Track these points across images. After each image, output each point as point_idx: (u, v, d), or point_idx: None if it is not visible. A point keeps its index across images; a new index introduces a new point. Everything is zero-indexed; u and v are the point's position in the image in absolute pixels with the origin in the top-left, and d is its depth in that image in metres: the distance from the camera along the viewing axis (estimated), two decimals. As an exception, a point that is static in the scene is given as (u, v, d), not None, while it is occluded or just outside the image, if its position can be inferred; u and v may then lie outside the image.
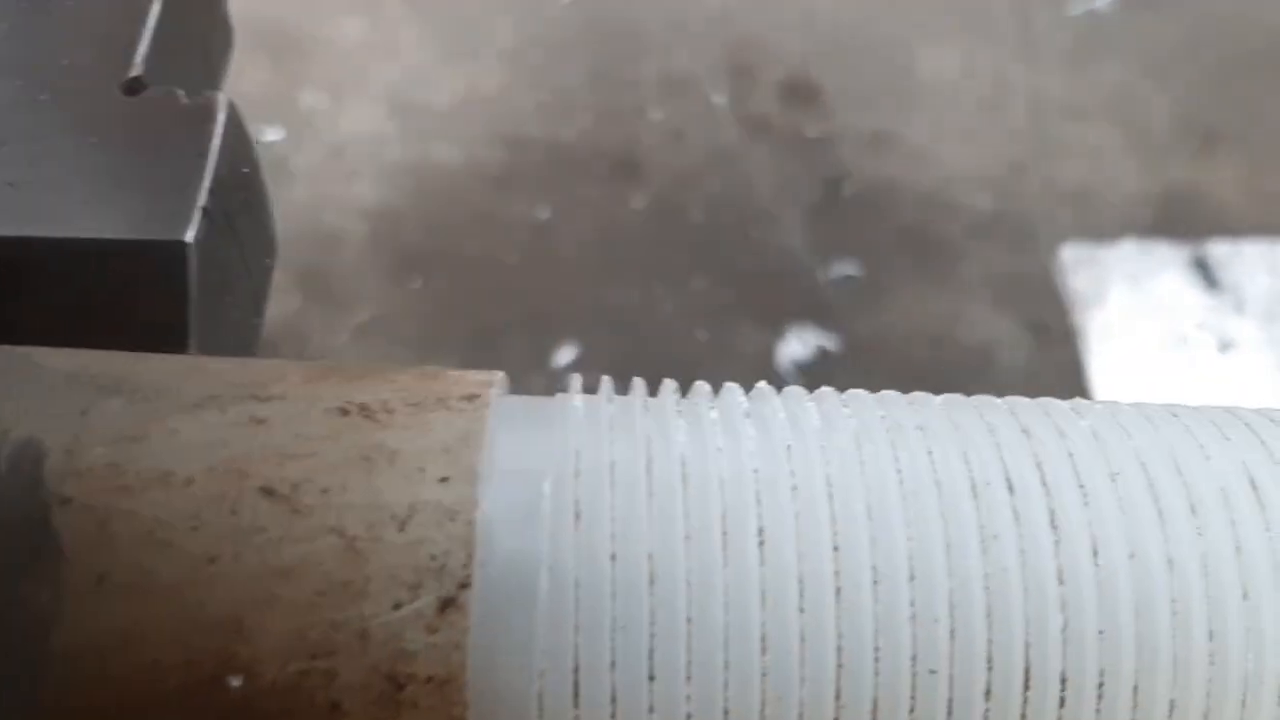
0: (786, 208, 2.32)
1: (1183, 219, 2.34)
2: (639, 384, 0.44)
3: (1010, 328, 2.15)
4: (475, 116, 2.37)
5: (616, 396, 0.44)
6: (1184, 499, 0.39)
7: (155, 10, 0.50)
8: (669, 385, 0.44)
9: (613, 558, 0.38)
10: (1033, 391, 1.38)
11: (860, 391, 0.44)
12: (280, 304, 2.13)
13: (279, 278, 2.01)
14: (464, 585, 0.37)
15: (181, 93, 0.48)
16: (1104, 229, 2.30)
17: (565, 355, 2.13)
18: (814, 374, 2.14)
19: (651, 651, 0.37)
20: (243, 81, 2.29)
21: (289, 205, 2.22)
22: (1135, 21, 2.56)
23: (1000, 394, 1.18)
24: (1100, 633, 0.38)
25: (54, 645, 0.36)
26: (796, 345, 2.16)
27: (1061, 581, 0.38)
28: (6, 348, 0.42)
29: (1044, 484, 0.39)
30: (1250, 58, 2.54)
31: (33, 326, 0.45)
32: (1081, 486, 0.39)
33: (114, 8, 0.50)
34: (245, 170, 0.48)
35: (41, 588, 0.35)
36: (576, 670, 0.38)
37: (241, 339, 0.52)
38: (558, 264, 2.23)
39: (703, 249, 2.27)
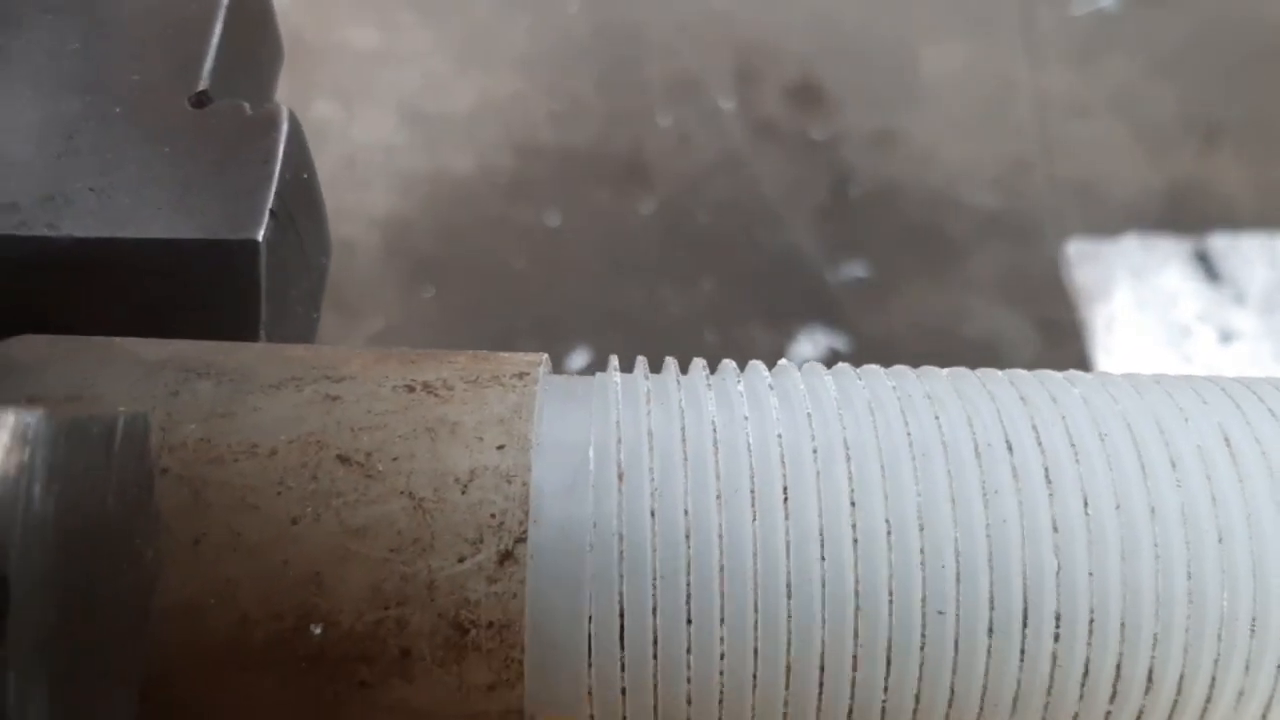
0: (794, 209, 2.36)
1: (1188, 214, 2.38)
2: (671, 363, 0.49)
3: (1017, 323, 2.19)
4: (486, 124, 2.42)
5: (652, 374, 0.48)
6: (1165, 455, 0.44)
7: (217, 30, 0.54)
8: (699, 363, 0.49)
9: (652, 515, 0.43)
10: None
11: (873, 366, 0.49)
12: (296, 312, 2.18)
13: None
14: (520, 540, 0.42)
15: (246, 104, 0.53)
16: (1109, 225, 2.35)
17: (577, 359, 2.17)
18: (824, 373, 2.18)
19: (689, 598, 0.42)
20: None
21: (303, 215, 2.27)
22: (1139, 19, 2.60)
23: None
24: (1090, 575, 0.42)
25: (155, 601, 0.41)
26: (806, 345, 2.20)
27: (1056, 530, 0.43)
28: (101, 338, 0.47)
29: (1040, 444, 0.44)
30: (1255, 54, 2.58)
31: (116, 322, 0.50)
32: (1073, 446, 0.44)
33: (178, 27, 0.55)
34: (305, 175, 0.53)
35: (147, 547, 0.40)
36: (622, 615, 0.42)
37: (302, 332, 0.57)
38: (568, 269, 2.28)
39: (711, 251, 2.31)
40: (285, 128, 0.52)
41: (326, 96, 2.42)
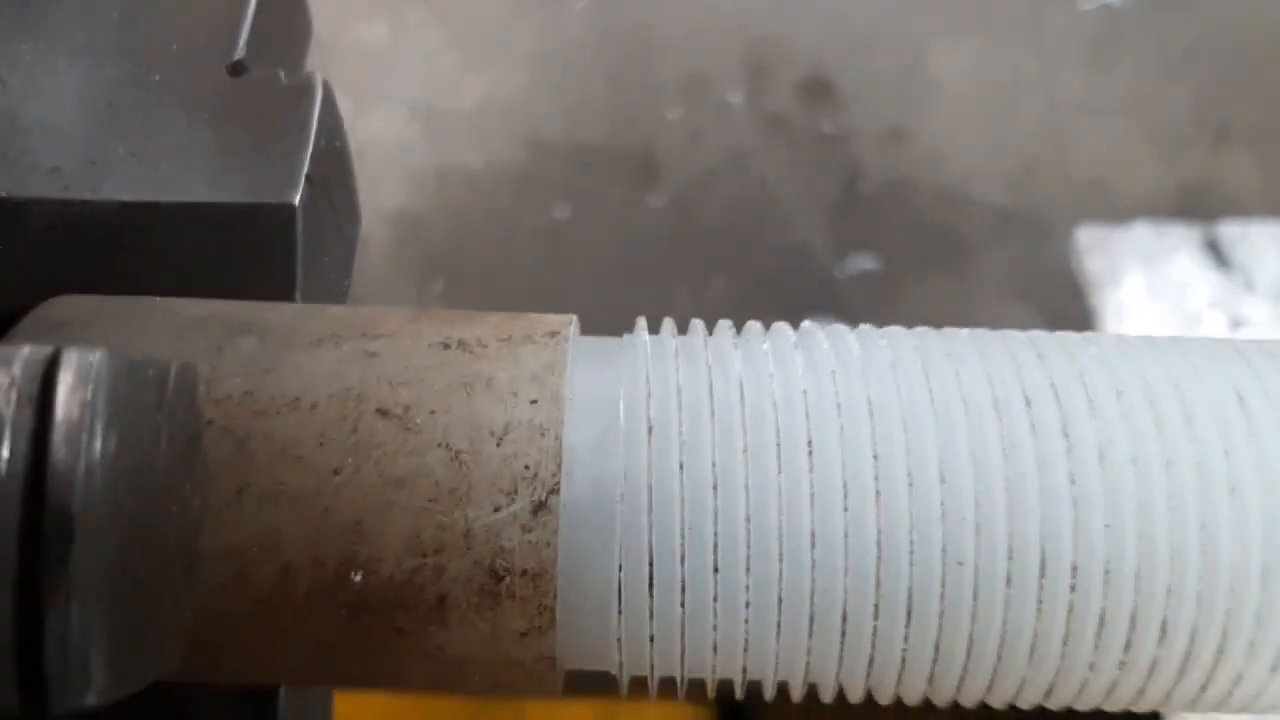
0: (803, 205, 2.38)
1: (1199, 213, 2.39)
2: (698, 324, 0.50)
3: (1027, 321, 2.21)
4: (496, 120, 2.44)
5: (680, 334, 0.50)
6: (1180, 411, 0.46)
7: (253, 2, 0.56)
8: (725, 323, 0.50)
9: (681, 467, 0.44)
10: None
11: (897, 328, 0.51)
12: (306, 307, 2.20)
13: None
14: (553, 491, 0.43)
15: (281, 73, 0.55)
16: (1120, 225, 2.36)
17: (587, 354, 2.19)
18: (834, 370, 2.20)
19: (716, 547, 0.44)
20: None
21: (312, 210, 2.29)
22: (1150, 17, 2.62)
23: None
24: (1107, 526, 0.44)
25: (201, 547, 0.43)
26: (816, 342, 2.22)
27: (1073, 482, 0.44)
28: (145, 297, 0.49)
29: (1057, 400, 0.46)
30: (1267, 52, 2.60)
31: (156, 284, 0.52)
32: (1090, 402, 0.46)
33: None
34: (338, 144, 0.55)
35: (195, 494, 0.42)
36: (651, 564, 0.44)
37: (334, 298, 0.58)
38: (578, 264, 2.29)
39: (721, 247, 2.33)
40: (319, 96, 0.54)
41: (337, 92, 2.43)
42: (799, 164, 2.42)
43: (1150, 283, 1.25)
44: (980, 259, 2.34)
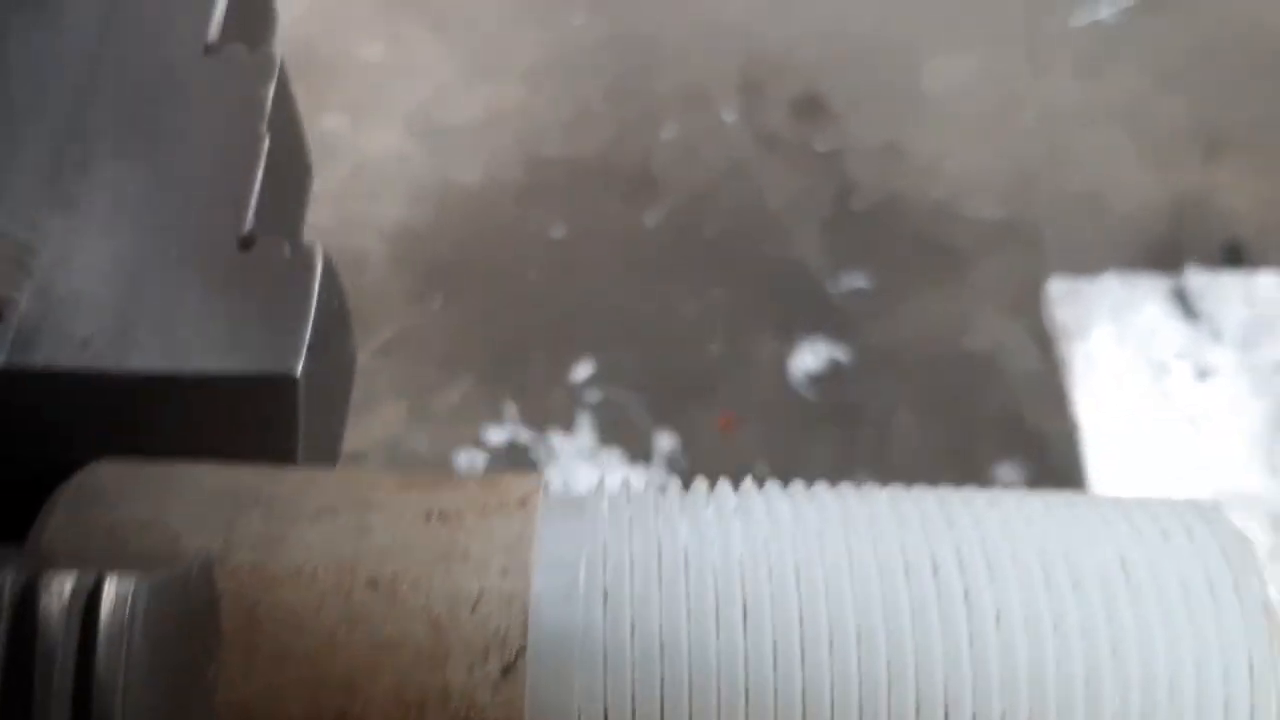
0: (799, 220, 2.45)
1: (1192, 225, 2.46)
2: (652, 486, 0.58)
3: (1018, 336, 2.27)
4: (494, 136, 2.51)
5: (635, 494, 0.58)
6: (1069, 577, 0.53)
7: (259, 174, 0.64)
8: (676, 486, 0.58)
9: (631, 630, 0.52)
10: (1041, 397, 1.58)
11: (822, 487, 0.58)
12: (307, 323, 2.27)
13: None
14: (520, 653, 0.51)
15: (286, 245, 0.62)
16: (1112, 240, 2.43)
17: (583, 369, 2.26)
18: (827, 383, 2.28)
19: (662, 701, 0.52)
20: (266, 104, 2.41)
21: (313, 227, 2.36)
22: (1143, 29, 2.68)
23: (1009, 401, 1.37)
24: (1001, 684, 0.52)
25: (217, 702, 0.51)
26: (809, 356, 2.29)
27: (972, 645, 0.52)
28: (167, 464, 0.56)
29: (960, 566, 0.53)
30: (1260, 63, 2.66)
31: (175, 441, 0.59)
32: (990, 568, 0.53)
33: (226, 170, 0.64)
34: (336, 304, 0.62)
35: (210, 664, 0.49)
36: (605, 715, 0.52)
37: (333, 432, 0.66)
38: (576, 279, 2.37)
39: (717, 262, 2.40)
40: (319, 267, 0.61)
41: (336, 109, 2.51)
42: (794, 180, 2.49)
43: (1119, 332, 1.33)
44: (974, 273, 2.41)
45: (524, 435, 2.21)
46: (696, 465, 2.20)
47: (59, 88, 0.64)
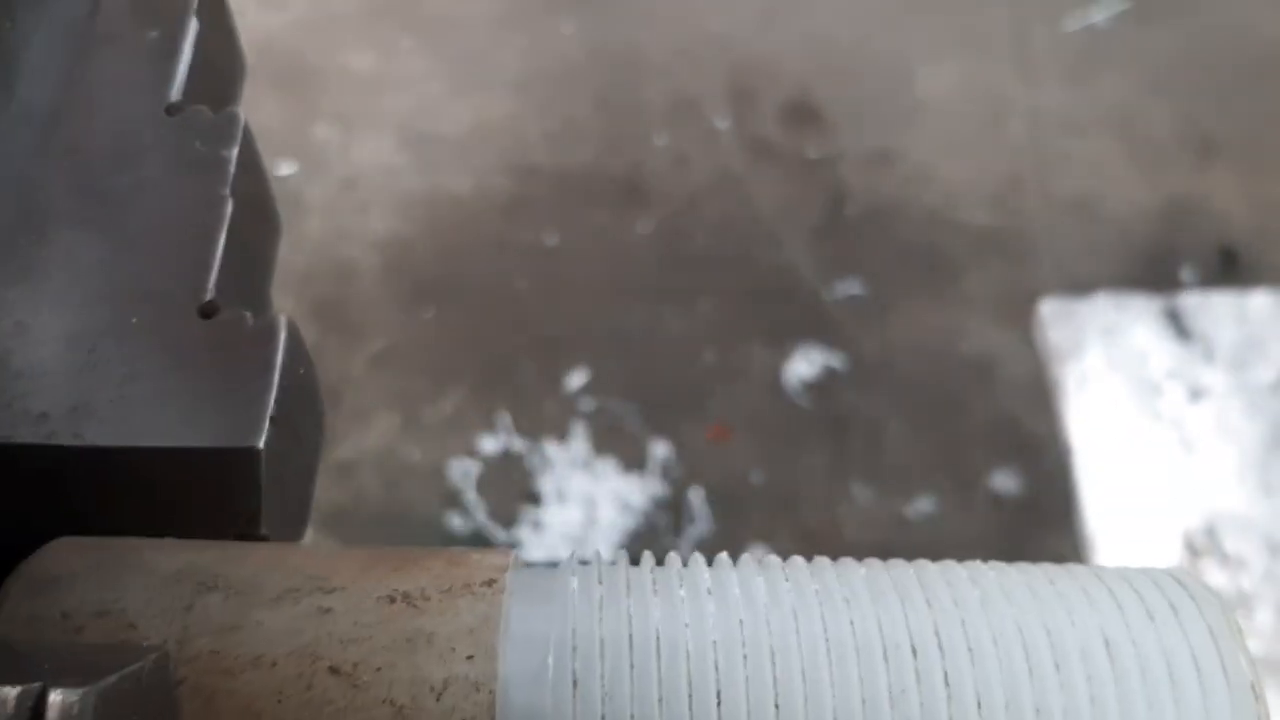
0: (790, 228, 2.43)
1: (1182, 230, 2.45)
2: (622, 560, 0.56)
3: (1012, 343, 2.26)
4: (484, 146, 2.49)
5: (607, 570, 0.56)
6: (1050, 657, 0.52)
7: (221, 240, 0.62)
8: (648, 560, 0.56)
9: (602, 718, 0.50)
10: (1035, 404, 1.57)
11: (798, 561, 0.56)
12: (298, 336, 2.26)
13: (296, 308, 2.15)
14: (488, 743, 0.49)
15: (249, 315, 0.60)
16: (1104, 246, 2.42)
17: (576, 379, 2.25)
18: (820, 391, 2.26)
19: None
20: (257, 114, 2.41)
21: (304, 238, 2.35)
22: (1132, 36, 2.66)
23: (1003, 408, 1.35)
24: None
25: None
26: (803, 364, 2.28)
27: (953, 728, 0.50)
28: (121, 544, 0.55)
29: (940, 647, 0.52)
30: (1248, 67, 2.64)
31: (134, 516, 0.58)
32: (970, 649, 0.52)
33: (187, 238, 0.62)
34: (302, 371, 0.61)
35: (168, 755, 0.48)
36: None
37: (301, 497, 0.64)
38: (567, 289, 2.35)
39: (708, 271, 2.38)
40: (283, 336, 0.59)
41: (326, 120, 2.49)
42: (785, 188, 2.47)
43: (1111, 353, 1.31)
44: (966, 280, 2.39)
45: (518, 445, 2.19)
46: (690, 474, 2.18)
47: (15, 150, 0.62)
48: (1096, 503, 1.25)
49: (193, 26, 0.67)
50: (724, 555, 0.57)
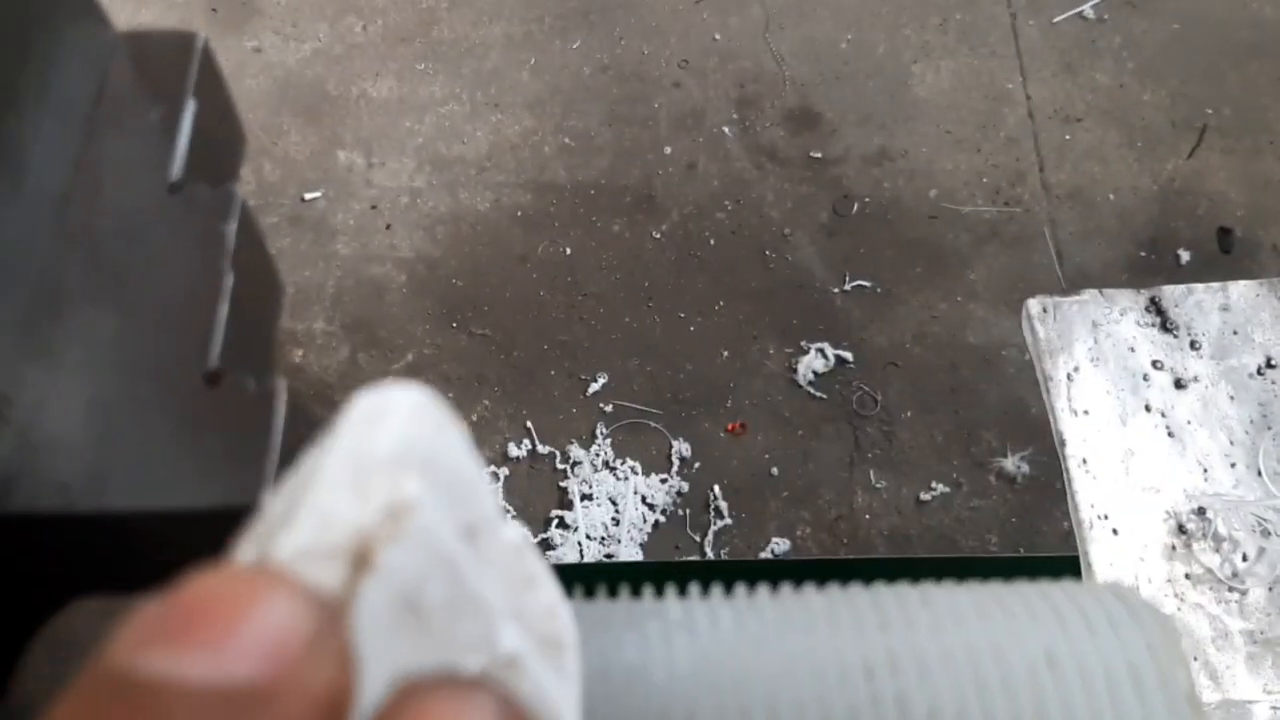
0: (798, 229, 2.45)
1: (1184, 213, 2.45)
2: (598, 599, 0.59)
3: (1016, 328, 2.26)
4: (502, 164, 2.51)
5: (580, 608, 0.58)
6: (997, 674, 0.54)
7: (224, 309, 0.65)
8: (624, 596, 0.59)
9: (582, 748, 0.53)
10: (1039, 385, 1.58)
11: (764, 591, 0.59)
12: (331, 355, 2.30)
13: (328, 328, 2.16)
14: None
15: (251, 379, 0.63)
16: (1104, 231, 2.43)
17: (599, 383, 2.27)
18: (834, 384, 2.28)
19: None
20: (283, 144, 2.45)
21: (333, 261, 2.39)
22: (1123, 23, 2.66)
23: (1011, 393, 1.36)
24: (934, 784, 0.52)
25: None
26: (816, 358, 2.29)
27: (905, 747, 0.53)
28: (123, 602, 0.58)
29: (893, 669, 0.54)
30: (1238, 48, 2.64)
31: (152, 576, 0.60)
32: (921, 669, 0.54)
33: (191, 306, 0.65)
34: (304, 429, 0.63)
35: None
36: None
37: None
38: (587, 297, 2.37)
39: (722, 273, 2.40)
40: (283, 398, 0.62)
41: (349, 146, 2.52)
42: (793, 190, 2.49)
43: (1098, 346, 1.33)
44: (971, 271, 2.40)
45: (544, 449, 2.22)
46: (711, 470, 2.21)
47: (31, 234, 0.65)
48: (1088, 498, 1.27)
49: (190, 107, 0.70)
50: (694, 587, 0.60)
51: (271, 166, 2.50)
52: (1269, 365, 1.35)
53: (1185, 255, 2.41)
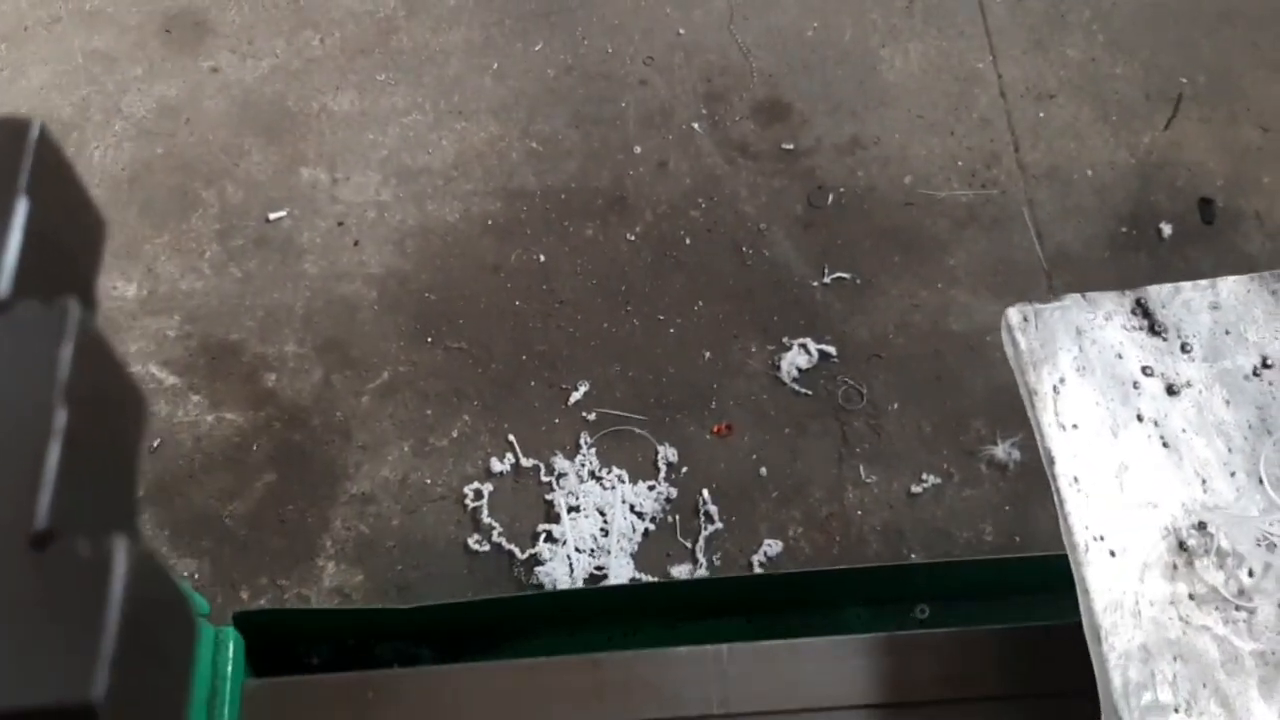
0: (774, 223, 2.34)
1: (1163, 185, 2.34)
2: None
3: (999, 313, 2.14)
4: (469, 173, 2.40)
5: None
6: None
7: (54, 454, 0.53)
8: None
9: None
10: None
11: None
12: (304, 378, 2.18)
13: (300, 351, 2.06)
14: None
15: (85, 543, 0.51)
16: (1083, 209, 2.31)
17: (580, 391, 2.16)
18: (819, 379, 2.17)
19: None
20: (246, 164, 2.33)
21: (301, 280, 2.27)
22: (1092, -4, 2.55)
23: (997, 378, 1.24)
24: None
25: None
26: (799, 354, 2.18)
27: None
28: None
29: None
30: (1210, 17, 2.54)
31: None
32: None
33: (11, 453, 0.53)
34: (153, 593, 0.52)
35: None
36: None
37: (172, 704, 0.55)
38: (563, 305, 2.26)
39: (699, 272, 2.30)
40: (123, 565, 0.50)
41: (312, 162, 2.41)
42: (766, 184, 2.38)
43: (1084, 354, 1.21)
44: (949, 256, 2.30)
45: (528, 461, 2.11)
46: (699, 474, 2.10)
47: None
48: (1083, 512, 1.15)
49: (21, 209, 0.58)
50: None
51: (234, 188, 2.38)
52: (1265, 365, 1.23)
53: (1167, 229, 2.30)
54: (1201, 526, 1.13)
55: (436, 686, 1.20)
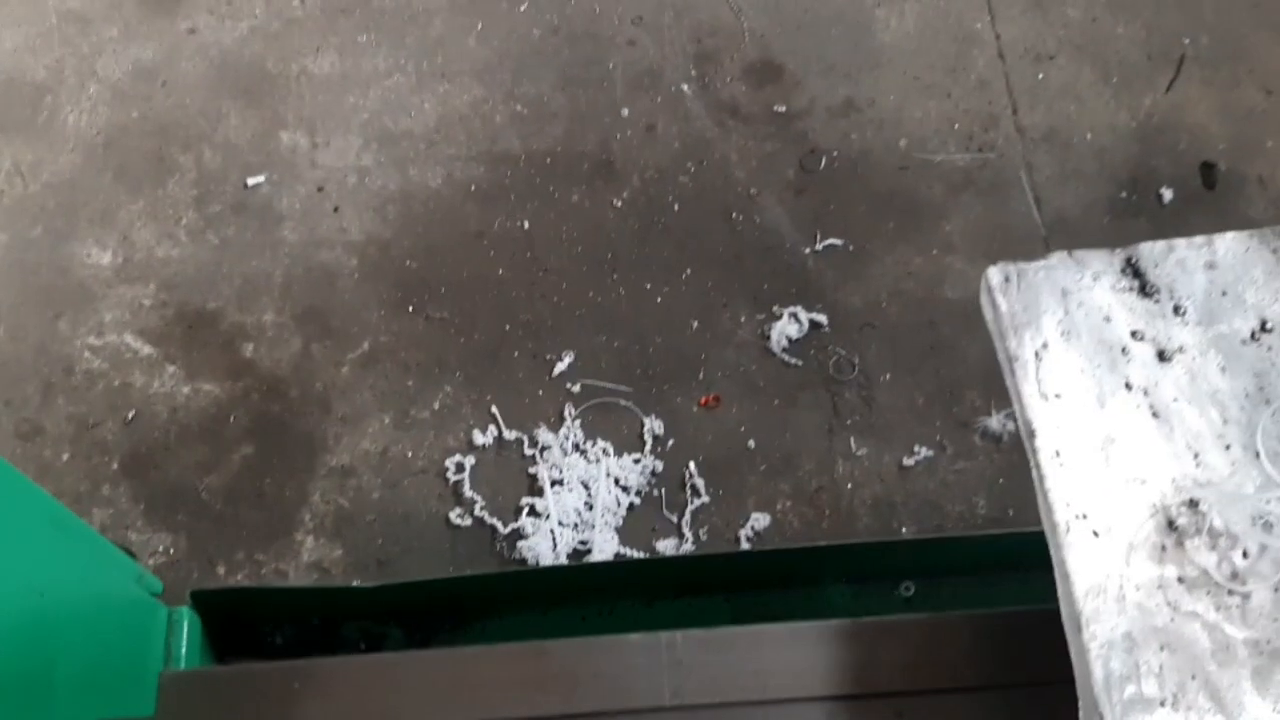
0: (765, 188, 2.26)
1: (1164, 148, 2.25)
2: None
3: (997, 281, 2.08)
4: (452, 137, 2.33)
5: None
6: None
7: None
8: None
9: None
10: None
11: None
12: (283, 348, 2.11)
13: (279, 320, 1.98)
14: None
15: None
16: (1083, 173, 2.23)
17: (565, 362, 2.09)
18: (809, 349, 2.10)
19: None
20: (224, 128, 2.25)
21: (280, 248, 2.20)
22: (1094, -46, 2.45)
23: (991, 346, 1.13)
24: None
25: None
26: (789, 324, 2.11)
27: None
28: None
29: None
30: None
31: None
32: None
33: None
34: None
35: None
36: None
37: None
38: (548, 273, 2.19)
39: (687, 239, 2.22)
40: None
41: (292, 126, 2.33)
42: (757, 148, 2.31)
43: (1069, 317, 1.12)
44: (946, 221, 2.22)
45: (511, 434, 2.04)
46: (686, 447, 2.03)
47: None
48: (1064, 489, 1.07)
49: None
50: None
51: (212, 153, 2.31)
52: (1264, 329, 1.14)
53: (1168, 193, 2.22)
54: (1193, 504, 1.05)
55: (367, 677, 1.13)
